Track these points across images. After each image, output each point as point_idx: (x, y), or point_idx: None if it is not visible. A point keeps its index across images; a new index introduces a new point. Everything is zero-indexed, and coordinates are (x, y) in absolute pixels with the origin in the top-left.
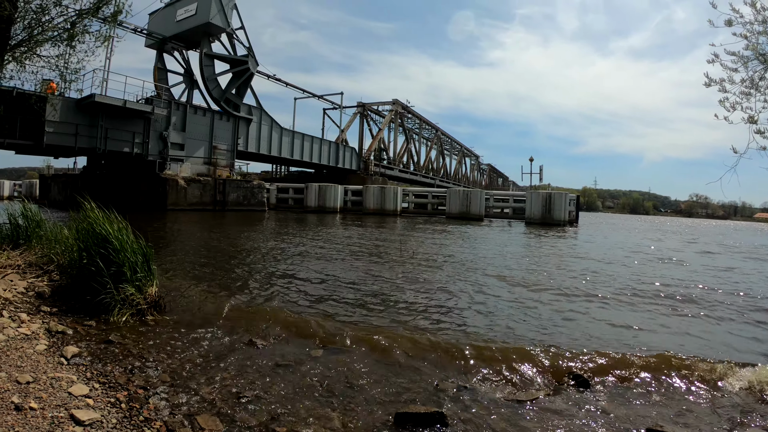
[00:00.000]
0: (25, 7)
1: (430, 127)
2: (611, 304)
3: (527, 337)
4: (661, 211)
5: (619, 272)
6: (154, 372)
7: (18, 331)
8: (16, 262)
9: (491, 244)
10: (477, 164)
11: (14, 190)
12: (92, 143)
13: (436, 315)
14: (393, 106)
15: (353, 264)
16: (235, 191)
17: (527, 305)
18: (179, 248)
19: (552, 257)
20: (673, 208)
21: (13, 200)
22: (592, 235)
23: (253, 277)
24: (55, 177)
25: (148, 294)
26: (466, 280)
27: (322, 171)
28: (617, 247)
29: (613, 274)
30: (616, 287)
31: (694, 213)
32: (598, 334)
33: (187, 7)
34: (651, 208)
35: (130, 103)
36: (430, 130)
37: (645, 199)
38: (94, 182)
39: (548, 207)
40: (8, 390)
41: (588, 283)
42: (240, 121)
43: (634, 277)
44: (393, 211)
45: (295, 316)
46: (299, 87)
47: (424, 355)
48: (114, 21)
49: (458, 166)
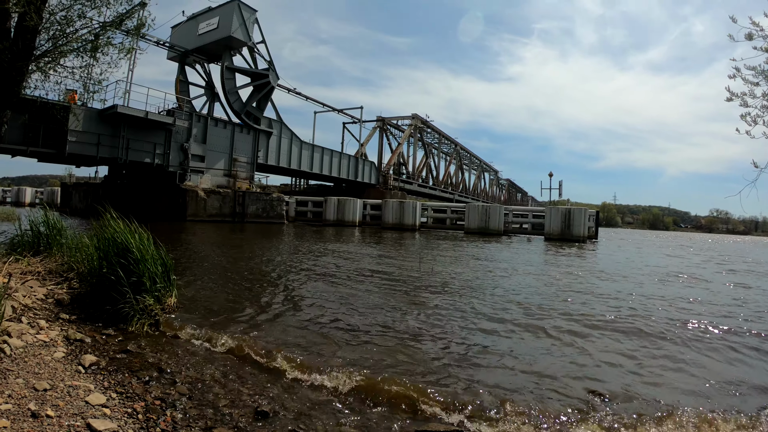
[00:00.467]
0: (50, 18)
1: (449, 141)
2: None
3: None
4: (681, 227)
5: (660, 300)
6: (171, 383)
7: (36, 337)
8: (36, 269)
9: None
10: (496, 179)
11: (36, 197)
12: (114, 153)
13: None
14: (412, 120)
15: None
16: (254, 203)
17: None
18: (198, 259)
19: (579, 279)
20: (693, 223)
21: (35, 207)
22: (614, 253)
23: (269, 292)
24: (77, 185)
25: (167, 305)
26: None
27: (341, 185)
28: (644, 267)
29: (656, 304)
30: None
31: (715, 228)
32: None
33: (209, 20)
34: (671, 223)
35: (152, 114)
36: (449, 144)
37: (665, 215)
38: (115, 192)
39: (567, 223)
40: (25, 397)
41: (632, 317)
42: (260, 133)
43: (679, 307)
44: (411, 226)
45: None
46: (319, 101)
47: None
48: (137, 34)
49: (477, 181)
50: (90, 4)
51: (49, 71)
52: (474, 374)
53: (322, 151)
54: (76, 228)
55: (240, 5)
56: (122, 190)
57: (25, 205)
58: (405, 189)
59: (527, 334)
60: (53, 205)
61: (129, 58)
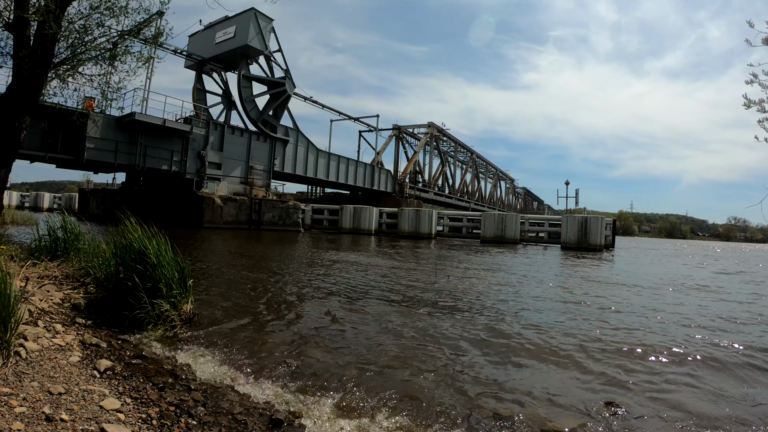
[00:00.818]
0: (69, 26)
1: (465, 150)
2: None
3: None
4: (698, 235)
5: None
6: (186, 390)
7: (52, 341)
8: (53, 273)
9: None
10: (512, 188)
11: (54, 202)
12: (131, 160)
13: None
14: (428, 129)
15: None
16: (270, 211)
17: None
18: (214, 265)
19: (608, 295)
20: (710, 232)
21: (53, 212)
22: (633, 263)
23: (285, 298)
24: (94, 191)
25: (183, 311)
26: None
27: (357, 193)
28: (667, 278)
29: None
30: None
31: (732, 237)
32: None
33: (226, 29)
34: (688, 232)
35: (170, 122)
36: (465, 153)
37: (682, 223)
38: (132, 198)
39: (584, 231)
40: (40, 400)
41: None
42: (277, 142)
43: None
44: (427, 234)
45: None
46: (335, 109)
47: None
48: (155, 43)
49: (493, 189)
50: (108, 13)
51: (67, 79)
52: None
53: (338, 159)
54: (93, 233)
55: (257, 14)
56: (139, 197)
57: (43, 210)
58: (421, 197)
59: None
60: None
61: (147, 66)
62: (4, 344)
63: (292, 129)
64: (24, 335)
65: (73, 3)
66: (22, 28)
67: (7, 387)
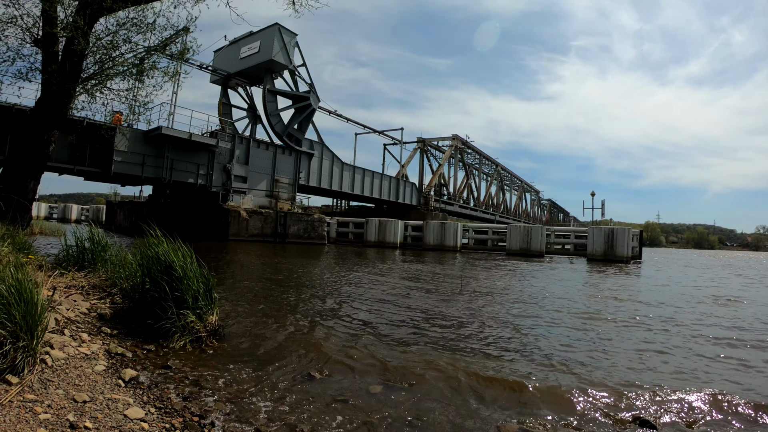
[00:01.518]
0: (96, 42)
1: (490, 162)
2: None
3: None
4: (726, 245)
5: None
6: (210, 400)
7: (78, 350)
8: (80, 283)
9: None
10: (537, 200)
11: (81, 214)
12: (158, 173)
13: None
14: (453, 141)
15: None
16: (295, 224)
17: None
18: (239, 277)
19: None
20: (739, 241)
21: (80, 224)
22: (669, 276)
23: (310, 311)
24: (121, 204)
25: (208, 322)
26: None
27: (382, 206)
28: (697, 292)
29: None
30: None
31: (762, 246)
32: None
33: (250, 45)
34: (716, 242)
35: (196, 136)
36: (489, 165)
37: (710, 233)
38: (159, 210)
39: (610, 243)
40: (64, 407)
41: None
42: (302, 155)
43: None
44: (453, 247)
45: (355, 351)
46: (360, 123)
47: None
48: (181, 58)
49: (518, 201)
50: (135, 29)
51: (95, 93)
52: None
53: (363, 172)
54: (120, 245)
55: (281, 29)
56: (166, 210)
57: (71, 222)
58: (446, 210)
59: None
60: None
61: (174, 81)
62: (31, 352)
63: (317, 142)
64: (50, 343)
65: (100, 19)
66: (51, 44)
67: (33, 394)
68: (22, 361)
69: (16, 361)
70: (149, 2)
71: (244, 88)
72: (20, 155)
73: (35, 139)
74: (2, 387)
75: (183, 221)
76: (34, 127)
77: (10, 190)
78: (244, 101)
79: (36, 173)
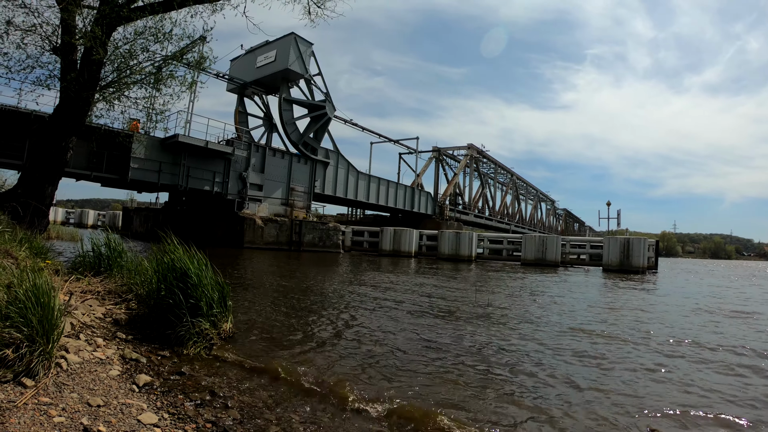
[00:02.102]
0: (114, 51)
1: (506, 171)
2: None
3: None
4: (743, 255)
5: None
6: (223, 407)
7: (93, 354)
8: (96, 289)
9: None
10: (553, 209)
11: (98, 219)
12: (174, 180)
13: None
14: (468, 150)
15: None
16: (310, 232)
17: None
18: (254, 285)
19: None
20: (756, 251)
21: (97, 229)
22: (684, 287)
23: (325, 322)
24: (138, 210)
25: (222, 329)
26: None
27: (397, 215)
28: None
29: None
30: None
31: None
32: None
33: (266, 54)
34: (733, 252)
35: (212, 144)
36: (505, 174)
37: (726, 243)
38: (175, 217)
39: (626, 253)
40: (79, 411)
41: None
42: (317, 164)
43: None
44: (468, 257)
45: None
46: (375, 131)
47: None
48: (198, 67)
49: (534, 211)
50: (153, 38)
51: (113, 101)
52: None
53: (378, 181)
54: (136, 251)
55: (296, 39)
56: (182, 216)
57: (88, 227)
58: (461, 219)
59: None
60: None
61: (191, 90)
62: (46, 355)
63: (332, 151)
64: (66, 347)
65: (118, 29)
66: (70, 52)
67: (48, 397)
68: (38, 365)
69: (31, 365)
70: (166, 12)
71: (261, 96)
72: (38, 161)
73: (53, 145)
74: (18, 389)
75: (198, 228)
76: (52, 134)
77: (28, 195)
78: (260, 110)
79: (54, 179)
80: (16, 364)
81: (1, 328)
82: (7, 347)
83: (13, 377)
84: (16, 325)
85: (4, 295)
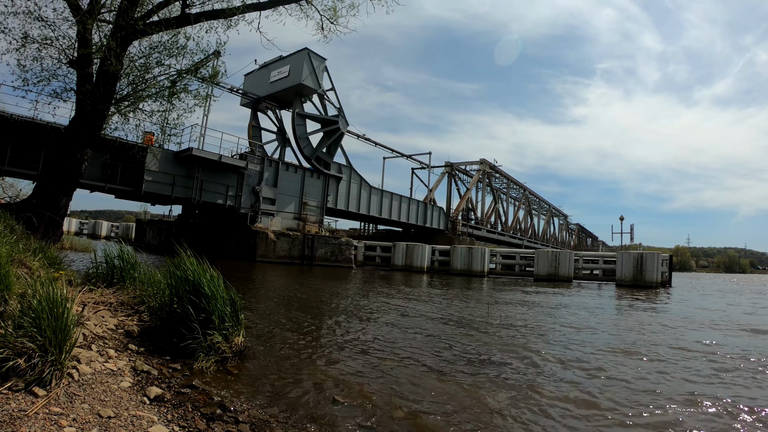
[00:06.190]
0: (130, 64)
1: (518, 186)
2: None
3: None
4: (758, 269)
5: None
6: (234, 422)
7: (105, 366)
8: (108, 300)
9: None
10: (565, 224)
11: (111, 231)
12: (188, 193)
13: None
14: (480, 165)
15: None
16: (323, 247)
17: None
18: (266, 299)
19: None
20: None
21: (110, 241)
22: (703, 303)
23: (337, 338)
24: (151, 222)
25: (234, 343)
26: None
27: (409, 230)
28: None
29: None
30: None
31: None
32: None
33: (280, 69)
34: (747, 266)
35: (225, 157)
36: (517, 189)
37: (741, 257)
38: (188, 230)
39: (640, 268)
40: (89, 422)
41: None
42: (330, 178)
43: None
44: (480, 272)
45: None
46: (388, 146)
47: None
48: (212, 82)
49: (546, 226)
50: (167, 52)
51: (128, 114)
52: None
53: (391, 196)
54: (149, 263)
55: (310, 54)
56: (194, 229)
57: (101, 238)
58: (474, 235)
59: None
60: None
61: (204, 104)
62: (59, 365)
63: (345, 166)
64: (78, 358)
65: (134, 42)
66: (85, 65)
67: (58, 407)
68: (50, 374)
69: (43, 374)
70: (181, 27)
71: (274, 111)
72: (53, 172)
73: (68, 156)
74: (29, 398)
75: (211, 241)
76: (67, 145)
77: (42, 205)
78: (273, 124)
79: (68, 190)
80: (28, 373)
81: (15, 338)
82: (19, 356)
83: (25, 386)
84: (29, 334)
85: (18, 304)
